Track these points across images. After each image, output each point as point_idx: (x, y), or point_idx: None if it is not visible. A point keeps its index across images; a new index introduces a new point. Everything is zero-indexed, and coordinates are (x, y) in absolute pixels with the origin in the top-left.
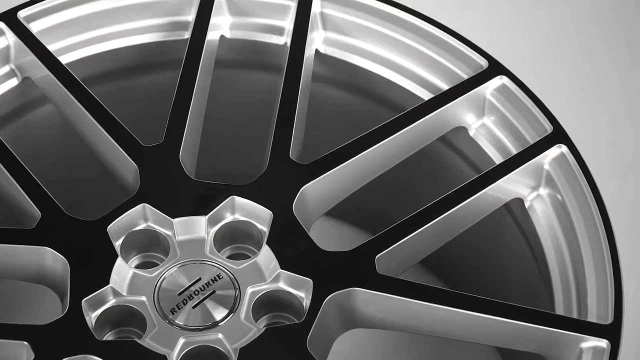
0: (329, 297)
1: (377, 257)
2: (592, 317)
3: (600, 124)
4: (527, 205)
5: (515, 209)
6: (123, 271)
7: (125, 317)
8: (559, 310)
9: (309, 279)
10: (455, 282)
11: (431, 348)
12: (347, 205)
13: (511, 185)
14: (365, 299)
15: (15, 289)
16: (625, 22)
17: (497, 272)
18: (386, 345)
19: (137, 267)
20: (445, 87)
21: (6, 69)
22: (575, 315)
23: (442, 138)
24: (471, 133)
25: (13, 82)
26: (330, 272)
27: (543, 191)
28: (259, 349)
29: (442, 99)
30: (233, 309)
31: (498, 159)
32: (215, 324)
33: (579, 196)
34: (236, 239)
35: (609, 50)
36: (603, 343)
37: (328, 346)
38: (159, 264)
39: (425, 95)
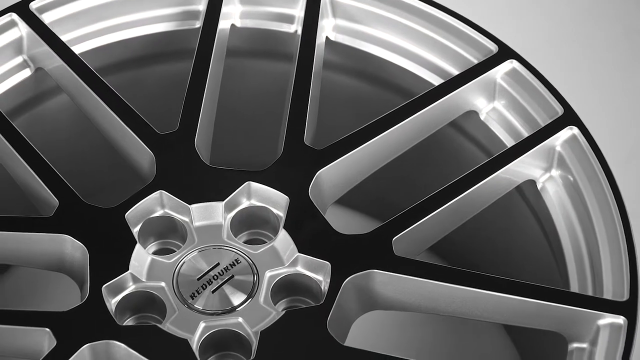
0: (347, 279)
1: (394, 239)
2: (607, 295)
3: (607, 108)
4: (539, 186)
5: (527, 190)
6: (142, 257)
7: (145, 302)
8: (574, 289)
9: (327, 262)
10: (467, 266)
11: (448, 328)
12: (357, 193)
13: (524, 168)
14: (383, 280)
15: (28, 278)
16: (635, 6)
17: (509, 254)
18: (395, 328)
19: (154, 253)
20: (455, 72)
21: (19, 59)
22: (590, 294)
23: (452, 123)
24: (482, 117)
25: (26, 72)
26: (348, 254)
27: (555, 173)
28: (279, 332)
29: (453, 83)
30: (252, 293)
31: (510, 142)
32: (234, 308)
33: (592, 176)
34: (252, 225)
35: (615, 38)
36: (620, 320)
37: (347, 328)
38: (175, 251)
39: (436, 81)
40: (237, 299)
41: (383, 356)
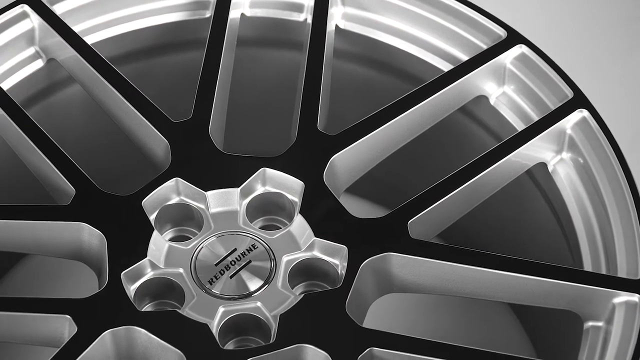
0: (364, 262)
1: (409, 222)
2: (622, 274)
3: (615, 91)
4: (550, 169)
5: (537, 173)
6: (159, 244)
7: (164, 288)
8: (588, 269)
9: (344, 246)
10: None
11: (459, 312)
12: (365, 180)
13: (535, 151)
14: (400, 263)
15: (40, 268)
16: None
17: (518, 236)
18: (408, 312)
19: (170, 240)
20: (464, 58)
21: (31, 51)
22: (604, 273)
23: (462, 109)
24: (492, 102)
25: (38, 63)
26: (365, 238)
27: (566, 155)
28: (299, 315)
29: (463, 69)
30: (269, 278)
31: (520, 126)
32: (252, 293)
33: (603, 158)
34: (267, 211)
35: (622, 21)
36: (635, 297)
37: (364, 311)
38: (191, 238)
39: (445, 67)
40: (254, 283)
41: (406, 337)
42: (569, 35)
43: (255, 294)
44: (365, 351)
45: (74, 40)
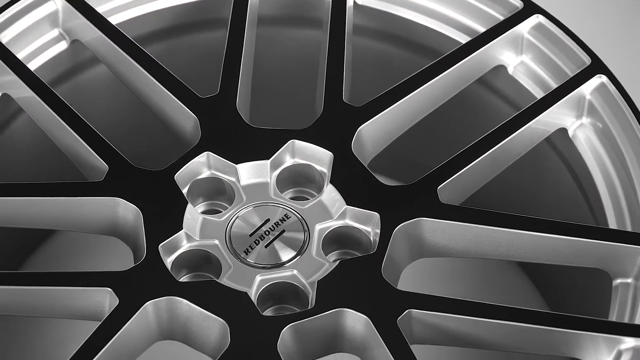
0: (397, 228)
1: (438, 188)
2: None
3: (630, 58)
4: (570, 134)
5: (556, 139)
6: (194, 217)
7: (200, 260)
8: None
9: (376, 213)
10: None
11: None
12: (386, 157)
13: (555, 117)
14: (431, 228)
15: (69, 244)
16: None
17: (541, 203)
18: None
19: (202, 213)
20: (481, 29)
21: (55, 33)
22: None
23: (480, 80)
24: (510, 71)
25: (62, 45)
26: (396, 204)
27: (585, 120)
28: (336, 281)
29: (481, 40)
30: (303, 246)
31: (539, 94)
32: (288, 262)
33: (623, 120)
34: (296, 183)
35: None
36: None
37: (397, 277)
38: (222, 211)
39: (463, 39)
40: (289, 252)
41: (444, 298)
42: (583, 3)
43: (291, 262)
44: (404, 313)
45: (98, 21)
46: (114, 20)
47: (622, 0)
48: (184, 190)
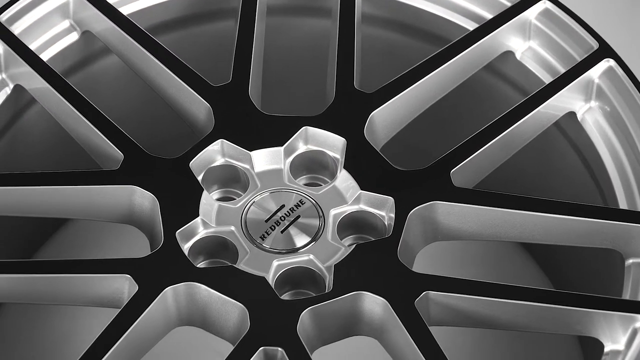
0: (411, 211)
1: (452, 171)
2: None
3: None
4: (579, 117)
5: (564, 123)
6: (209, 204)
7: (217, 246)
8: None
9: (390, 197)
10: None
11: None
12: (394, 146)
13: (564, 102)
14: (446, 211)
15: (81, 233)
16: None
17: (550, 186)
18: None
19: (217, 200)
20: (489, 16)
21: (65, 24)
22: None
23: (489, 66)
24: (518, 56)
25: (73, 36)
26: (410, 189)
27: (594, 104)
28: (353, 264)
29: (489, 26)
30: (319, 231)
31: (547, 79)
32: (304, 246)
33: (631, 103)
34: (310, 169)
35: None
36: None
37: (412, 260)
38: (236, 198)
39: (470, 26)
40: (305, 237)
41: (460, 280)
42: None
43: (307, 247)
44: (421, 295)
45: (110, 11)
46: (124, 11)
47: None
48: (199, 178)
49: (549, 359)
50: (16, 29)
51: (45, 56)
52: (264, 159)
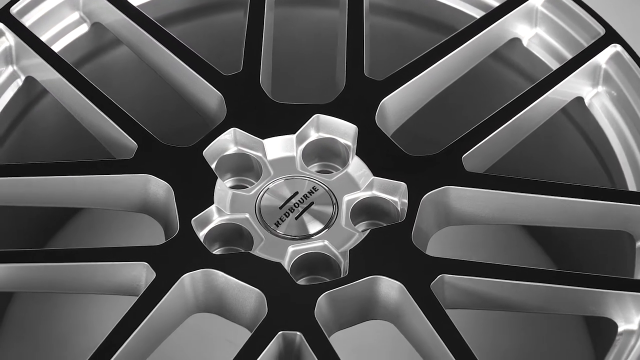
0: (424, 197)
1: (463, 157)
2: None
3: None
4: (587, 102)
5: (571, 108)
6: (223, 192)
7: (232, 233)
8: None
9: (403, 183)
10: None
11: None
12: (402, 135)
13: (572, 87)
14: (458, 195)
15: (94, 222)
16: None
17: (558, 173)
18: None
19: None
20: (496, 3)
21: (75, 16)
22: None
23: (496, 54)
24: (525, 43)
25: (83, 28)
26: (422, 174)
27: (601, 89)
28: (368, 249)
29: (496, 14)
30: (332, 217)
31: (554, 66)
32: (318, 232)
33: (639, 88)
34: (322, 157)
35: None
36: None
37: (425, 245)
38: (249, 186)
39: (477, 14)
40: (319, 224)
41: (475, 262)
42: None
43: (321, 233)
44: (437, 278)
45: (120, 3)
46: (133, 2)
47: None
48: (213, 166)
49: (558, 341)
50: (27, 21)
51: (55, 48)
52: (276, 147)
